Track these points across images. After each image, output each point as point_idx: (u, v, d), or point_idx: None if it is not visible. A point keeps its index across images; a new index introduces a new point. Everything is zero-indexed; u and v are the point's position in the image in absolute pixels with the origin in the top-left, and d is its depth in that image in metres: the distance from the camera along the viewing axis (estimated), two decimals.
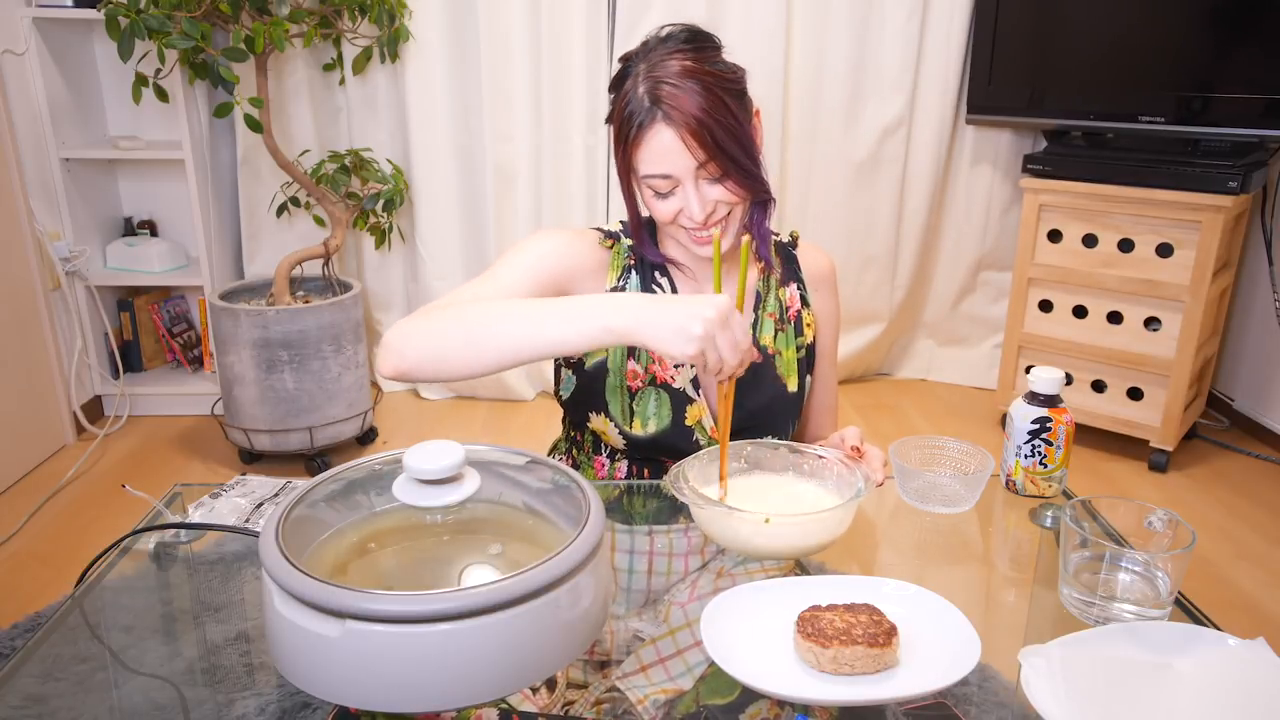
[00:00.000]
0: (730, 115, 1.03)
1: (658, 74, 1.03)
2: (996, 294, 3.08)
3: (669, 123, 1.02)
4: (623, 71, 1.08)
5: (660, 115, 1.02)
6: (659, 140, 1.03)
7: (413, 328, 0.96)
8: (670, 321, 0.88)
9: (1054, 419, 1.06)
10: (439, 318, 0.96)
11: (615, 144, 1.09)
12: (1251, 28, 2.27)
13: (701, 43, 1.07)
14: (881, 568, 1.02)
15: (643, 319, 0.89)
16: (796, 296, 1.23)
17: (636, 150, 1.05)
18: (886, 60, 2.79)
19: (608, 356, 1.16)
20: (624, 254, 1.17)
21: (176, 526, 1.01)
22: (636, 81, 1.04)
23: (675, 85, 1.02)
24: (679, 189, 1.06)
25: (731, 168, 1.05)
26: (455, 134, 2.78)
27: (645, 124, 1.03)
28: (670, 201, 1.07)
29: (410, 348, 0.95)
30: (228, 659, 0.81)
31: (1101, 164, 2.47)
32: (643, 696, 0.76)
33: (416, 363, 0.94)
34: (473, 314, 0.96)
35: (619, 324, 0.89)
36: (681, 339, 0.87)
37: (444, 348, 0.94)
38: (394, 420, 2.88)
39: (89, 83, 2.75)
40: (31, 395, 2.54)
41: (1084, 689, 0.72)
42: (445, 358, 0.94)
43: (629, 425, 1.16)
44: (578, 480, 0.78)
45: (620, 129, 1.07)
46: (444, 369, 0.94)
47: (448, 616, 0.63)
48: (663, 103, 1.02)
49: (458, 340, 0.94)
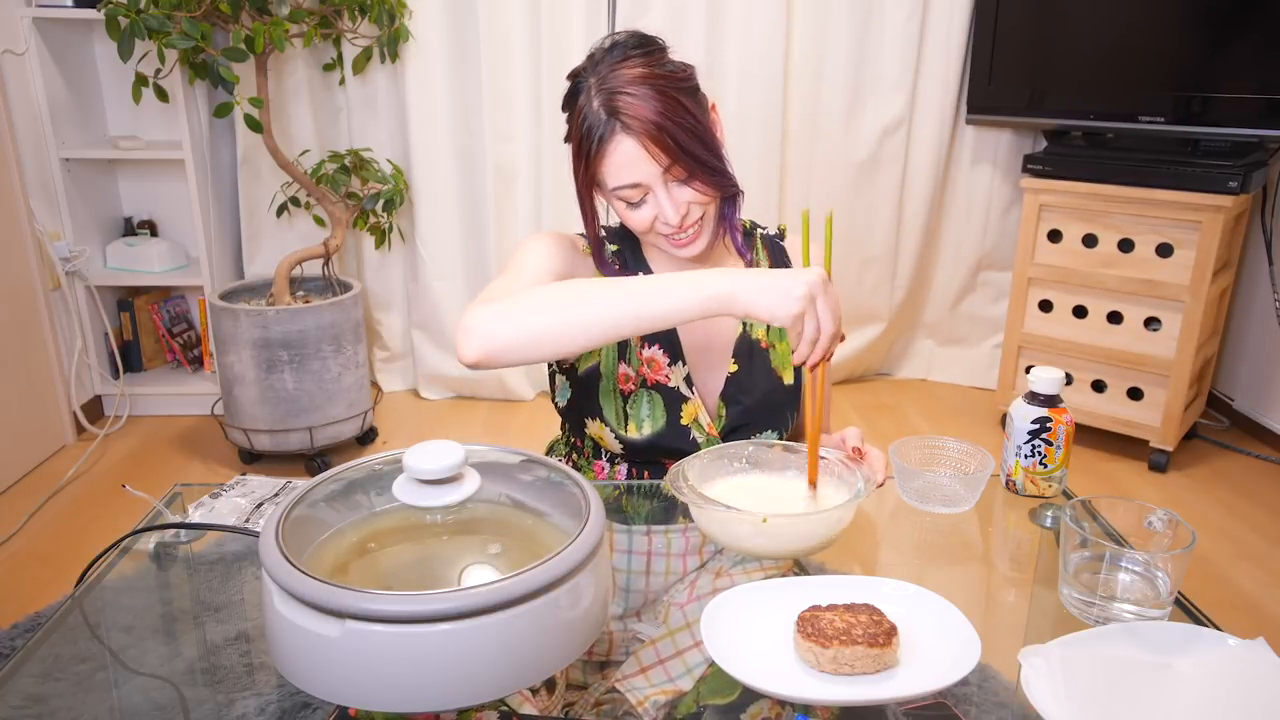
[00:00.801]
0: (688, 115, 1.03)
1: (610, 85, 1.03)
2: (996, 294, 3.08)
3: (629, 132, 1.02)
4: (574, 88, 1.08)
5: (619, 126, 1.02)
6: (621, 151, 1.03)
7: (497, 310, 0.95)
8: (773, 283, 0.88)
9: (1054, 419, 1.06)
10: (521, 302, 0.96)
11: (575, 161, 1.08)
12: (1251, 28, 2.27)
13: (649, 47, 1.07)
14: (881, 568, 1.02)
15: (744, 284, 0.89)
16: None
17: (600, 164, 1.05)
18: (886, 60, 2.79)
19: (600, 361, 1.16)
20: (609, 258, 1.19)
21: (176, 526, 1.01)
22: (590, 96, 1.04)
23: (630, 94, 1.02)
24: (650, 196, 1.06)
25: (697, 167, 1.05)
26: (455, 134, 2.78)
27: (605, 137, 1.03)
28: (643, 210, 1.07)
29: (501, 329, 0.94)
30: (228, 659, 0.81)
31: (1101, 164, 2.47)
32: (643, 698, 0.76)
33: (507, 344, 0.94)
34: (560, 294, 0.96)
35: (718, 290, 0.89)
36: (787, 300, 0.87)
37: (537, 327, 0.94)
38: (394, 420, 2.88)
39: (89, 83, 2.75)
40: (31, 395, 2.54)
41: (1084, 689, 0.72)
42: (539, 337, 0.94)
43: (624, 429, 1.16)
44: (578, 480, 0.78)
45: (580, 145, 1.06)
46: (535, 349, 0.94)
47: (448, 616, 0.63)
48: (620, 113, 1.01)
49: (552, 319, 0.94)
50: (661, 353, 1.16)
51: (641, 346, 1.17)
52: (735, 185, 1.12)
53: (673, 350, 1.17)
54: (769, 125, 2.79)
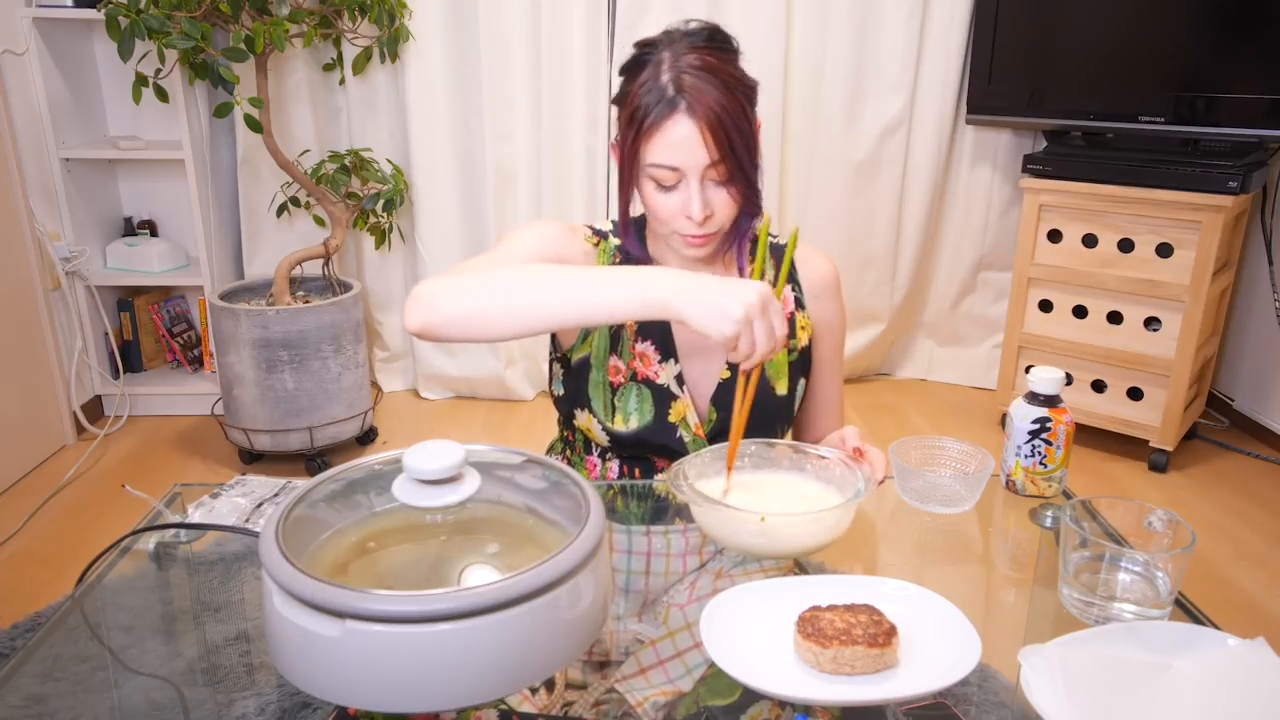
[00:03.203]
0: (746, 121, 1.03)
1: (684, 64, 1.01)
2: (996, 294, 3.08)
3: (691, 114, 1.00)
4: (641, 56, 1.06)
5: (683, 105, 1.01)
6: (677, 130, 1.01)
7: (447, 284, 0.95)
8: (710, 299, 0.87)
9: (1054, 419, 1.06)
10: (473, 278, 0.95)
11: (624, 128, 1.06)
12: (1251, 28, 2.27)
13: (725, 43, 1.06)
14: (881, 568, 1.02)
15: (681, 292, 0.88)
16: (791, 299, 1.23)
17: (651, 137, 1.03)
18: (886, 60, 2.79)
19: (591, 352, 1.16)
20: (610, 252, 1.17)
21: (176, 526, 1.01)
22: (659, 69, 1.02)
23: (700, 79, 1.01)
24: (682, 184, 1.05)
25: (738, 173, 1.04)
26: (455, 134, 2.78)
27: (665, 113, 1.01)
28: (671, 197, 1.06)
29: (445, 304, 0.94)
30: (228, 659, 0.81)
31: (1101, 164, 2.47)
32: (642, 699, 0.76)
33: (449, 319, 0.93)
34: (509, 277, 0.95)
35: (656, 295, 0.88)
36: (720, 318, 0.86)
37: (480, 306, 0.93)
38: (394, 420, 2.88)
39: (89, 83, 2.75)
40: (31, 395, 2.54)
41: (1084, 689, 0.72)
42: (480, 318, 0.93)
43: (611, 421, 1.16)
44: (578, 480, 0.78)
45: (635, 113, 1.03)
46: (475, 328, 0.94)
47: (448, 616, 0.63)
48: (686, 93, 1.00)
49: (495, 300, 0.93)
50: (653, 349, 1.16)
51: (634, 340, 1.16)
52: (760, 205, 1.11)
53: (665, 347, 1.16)
54: (769, 125, 2.78)
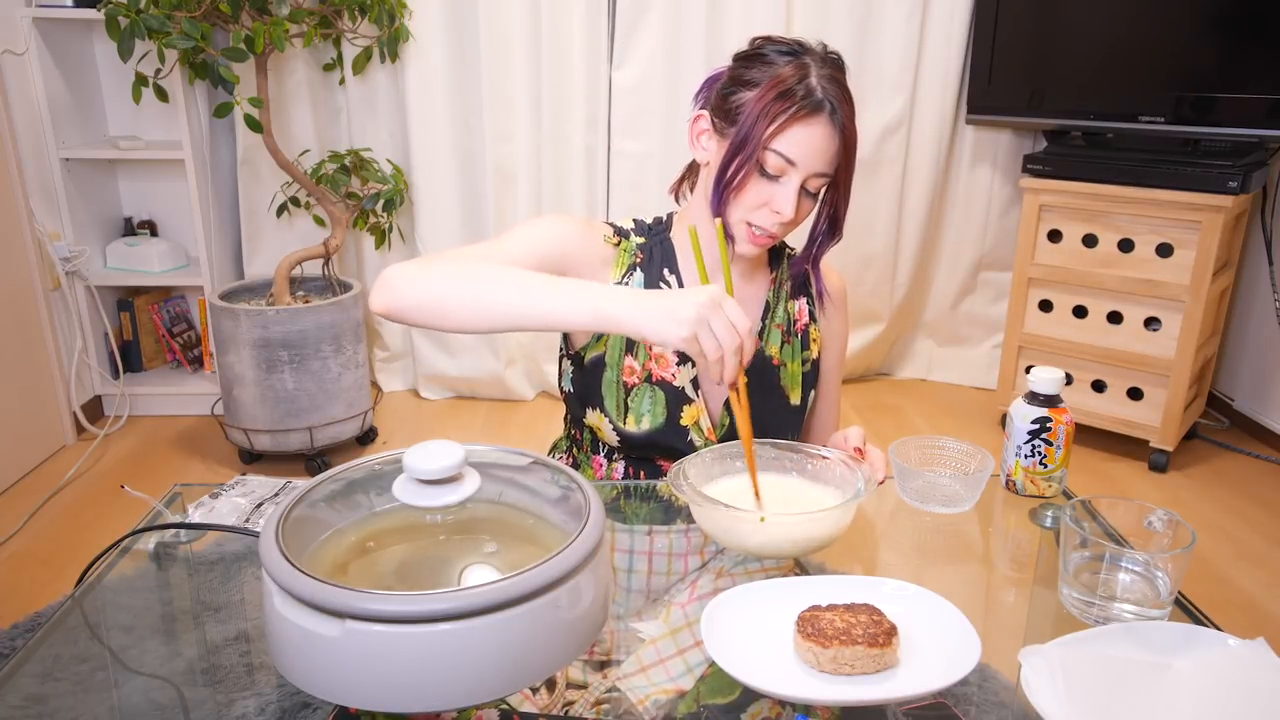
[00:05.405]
0: (855, 154, 1.08)
1: (832, 75, 1.05)
2: (996, 294, 3.08)
3: (833, 121, 1.04)
4: (786, 49, 1.08)
5: (829, 110, 1.04)
6: (816, 129, 1.04)
7: (416, 271, 0.95)
8: (660, 306, 0.88)
9: (1054, 419, 1.06)
10: (445, 269, 0.96)
11: (753, 107, 1.04)
12: (1251, 28, 2.27)
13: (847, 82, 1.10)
14: (881, 568, 1.02)
15: (632, 306, 0.89)
16: (805, 311, 1.23)
17: (787, 127, 1.03)
18: (886, 60, 2.79)
19: (606, 351, 1.16)
20: (631, 251, 1.16)
21: (176, 526, 1.01)
22: (809, 69, 1.05)
23: (845, 96, 1.05)
24: (784, 179, 1.06)
25: (841, 195, 1.10)
26: (455, 134, 2.78)
27: (811, 110, 1.03)
28: (767, 187, 1.06)
29: (410, 290, 0.95)
30: (228, 659, 0.81)
31: (1101, 164, 2.47)
32: (643, 697, 0.76)
33: (413, 305, 0.95)
34: (478, 272, 0.96)
35: (609, 309, 0.89)
36: (671, 322, 0.87)
37: (445, 298, 0.94)
38: (394, 420, 2.88)
39: (89, 83, 2.75)
40: (31, 395, 2.54)
41: (1084, 689, 0.72)
42: (443, 308, 0.94)
43: (623, 421, 1.16)
44: (578, 480, 0.78)
45: (771, 100, 1.03)
46: (437, 317, 0.95)
47: (448, 616, 0.63)
48: (835, 101, 1.04)
49: (461, 294, 0.94)
50: (671, 350, 1.16)
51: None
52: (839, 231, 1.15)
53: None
54: None
